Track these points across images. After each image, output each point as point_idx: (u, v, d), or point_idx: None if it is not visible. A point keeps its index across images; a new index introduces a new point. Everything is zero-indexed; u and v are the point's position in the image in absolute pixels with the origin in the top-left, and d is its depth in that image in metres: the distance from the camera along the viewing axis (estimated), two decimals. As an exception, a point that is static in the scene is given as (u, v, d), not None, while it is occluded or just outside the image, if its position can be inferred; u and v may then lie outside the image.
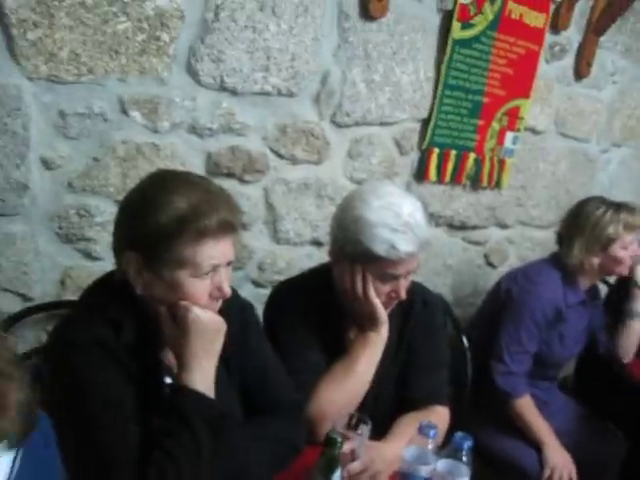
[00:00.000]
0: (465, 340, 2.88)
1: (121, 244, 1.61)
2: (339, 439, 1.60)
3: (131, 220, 1.60)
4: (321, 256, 2.81)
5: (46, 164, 2.19)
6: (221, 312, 1.67)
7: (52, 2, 2.06)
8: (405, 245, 1.92)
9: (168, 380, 1.65)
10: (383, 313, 2.01)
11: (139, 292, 1.58)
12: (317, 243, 2.86)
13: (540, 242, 3.72)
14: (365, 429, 1.74)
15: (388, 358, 2.10)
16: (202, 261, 1.54)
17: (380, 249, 1.92)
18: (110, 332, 1.55)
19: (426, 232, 1.99)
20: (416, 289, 2.19)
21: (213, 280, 1.58)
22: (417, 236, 1.93)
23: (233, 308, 1.78)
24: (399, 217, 1.93)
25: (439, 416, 2.06)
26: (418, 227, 1.95)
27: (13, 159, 2.12)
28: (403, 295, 2.01)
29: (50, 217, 2.24)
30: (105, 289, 1.66)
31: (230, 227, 1.57)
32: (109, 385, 1.52)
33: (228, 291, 1.60)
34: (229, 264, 1.62)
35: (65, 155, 2.21)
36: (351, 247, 1.98)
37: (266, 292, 2.47)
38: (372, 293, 1.99)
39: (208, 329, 1.57)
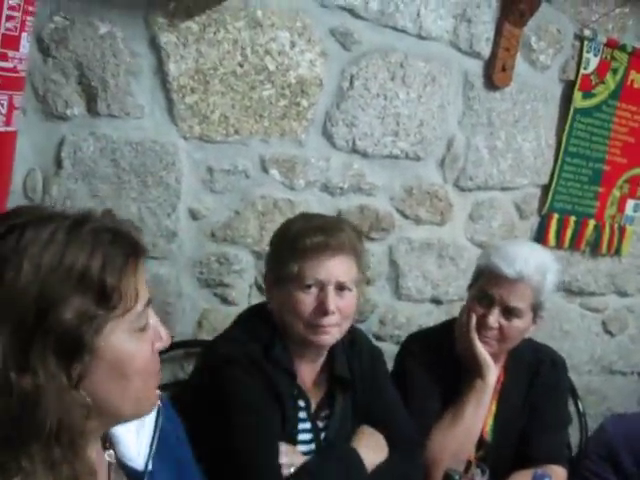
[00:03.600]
0: (581, 406, 2.87)
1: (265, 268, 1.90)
2: (457, 477, 1.67)
3: (269, 243, 1.91)
4: (440, 314, 2.92)
5: (193, 214, 2.41)
6: (351, 346, 1.90)
7: (208, 71, 2.31)
8: (502, 265, 2.03)
9: (301, 403, 1.82)
10: (488, 358, 2.08)
11: (269, 309, 1.81)
12: (437, 301, 2.96)
13: (661, 312, 3.67)
14: (482, 479, 1.80)
15: (514, 412, 2.17)
16: (305, 275, 1.73)
17: (482, 263, 2.11)
18: (261, 350, 1.74)
19: (533, 270, 2.04)
20: (544, 349, 2.30)
21: (318, 297, 1.74)
22: (517, 265, 2.02)
23: (364, 348, 1.95)
24: (516, 248, 2.10)
25: (557, 477, 2.08)
26: (525, 261, 2.04)
27: (165, 208, 2.36)
28: (491, 324, 2.05)
29: (193, 263, 2.45)
30: (257, 313, 1.88)
31: (330, 247, 1.75)
32: (259, 398, 1.70)
33: (331, 308, 1.74)
34: (340, 287, 1.77)
35: (210, 207, 2.43)
36: (472, 274, 2.19)
37: (386, 345, 2.60)
38: (474, 333, 2.08)
39: None
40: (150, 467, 1.19)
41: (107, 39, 2.20)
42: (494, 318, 2.05)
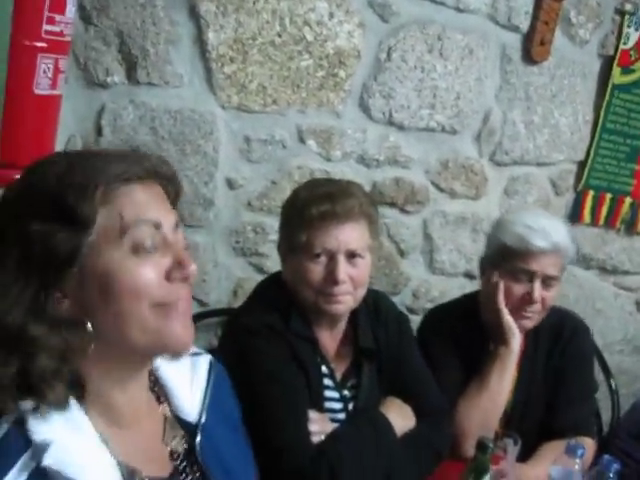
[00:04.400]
0: (613, 384, 2.86)
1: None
2: (490, 445, 1.67)
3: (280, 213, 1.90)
4: (473, 288, 2.89)
5: (230, 184, 2.43)
6: (377, 315, 1.90)
7: (247, 40, 2.32)
8: (536, 239, 2.02)
9: (325, 370, 1.83)
10: (513, 325, 2.08)
11: (283, 277, 1.82)
12: (470, 276, 2.96)
13: (696, 294, 3.64)
14: (513, 449, 1.79)
15: (536, 382, 2.17)
16: (313, 244, 1.72)
17: (511, 241, 2.06)
18: (280, 320, 1.75)
19: (564, 238, 2.07)
20: (567, 315, 2.28)
21: (328, 265, 1.73)
22: (551, 236, 2.04)
23: (390, 316, 1.96)
24: (537, 219, 2.10)
25: (585, 447, 2.08)
26: (555, 230, 2.06)
27: (203, 177, 2.38)
28: (537, 298, 2.05)
29: (229, 232, 2.48)
30: (275, 283, 1.88)
31: (336, 216, 1.71)
32: (283, 367, 1.71)
33: (341, 277, 1.71)
34: (351, 255, 1.74)
35: (247, 177, 2.45)
36: (490, 249, 2.15)
37: (418, 319, 2.59)
38: (502, 304, 2.08)
39: None
40: (204, 420, 1.21)
41: (147, 7, 2.21)
42: (538, 292, 2.05)
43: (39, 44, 1.58)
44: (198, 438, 1.19)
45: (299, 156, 2.49)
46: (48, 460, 0.95)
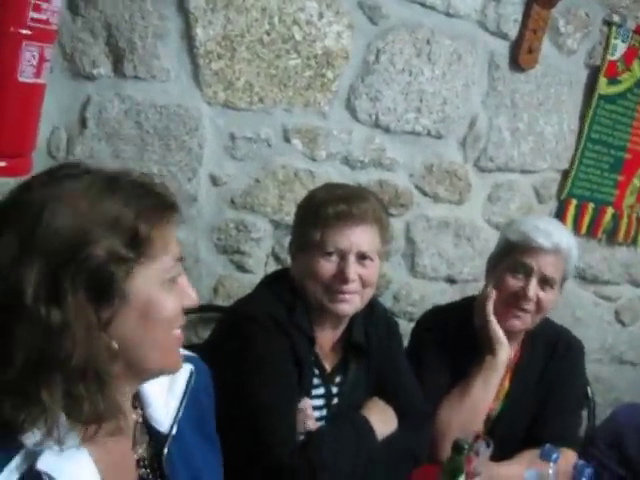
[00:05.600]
0: (590, 393, 2.87)
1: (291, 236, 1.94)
2: (466, 446, 1.69)
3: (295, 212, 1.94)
4: (454, 293, 2.92)
5: (214, 180, 2.42)
6: (370, 315, 1.92)
7: (235, 37, 2.31)
8: (538, 236, 2.07)
9: (316, 370, 1.86)
10: (501, 336, 2.10)
11: (292, 274, 1.86)
12: (451, 280, 2.96)
13: (675, 306, 3.66)
14: (486, 450, 1.80)
15: (527, 391, 2.19)
16: (326, 243, 1.76)
17: (515, 237, 2.11)
18: (284, 312, 1.78)
19: (567, 242, 2.12)
20: (563, 331, 2.32)
21: (339, 264, 1.77)
22: (553, 236, 2.08)
23: (382, 318, 2.00)
24: (546, 222, 2.18)
25: (567, 459, 2.02)
26: (559, 233, 2.12)
27: (186, 173, 2.37)
28: (531, 295, 2.07)
29: (212, 229, 2.47)
30: (282, 278, 1.91)
31: (351, 217, 1.77)
32: (280, 359, 1.74)
33: (351, 276, 1.76)
34: (361, 256, 1.79)
35: (231, 174, 2.44)
36: (497, 248, 2.22)
37: (399, 322, 2.59)
38: (491, 314, 2.11)
39: None
40: (174, 431, 1.20)
41: (136, 0, 2.20)
42: (533, 289, 2.07)
43: (24, 31, 1.56)
44: (166, 449, 1.19)
45: (284, 155, 2.49)
46: (42, 464, 0.97)
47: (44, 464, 0.98)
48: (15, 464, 0.97)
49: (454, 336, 2.18)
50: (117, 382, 1.06)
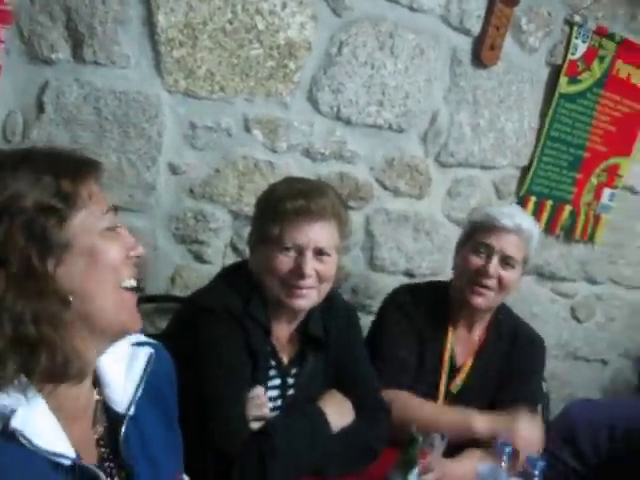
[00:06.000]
0: (545, 388, 2.90)
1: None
2: (420, 438, 1.69)
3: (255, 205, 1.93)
4: (412, 287, 2.93)
5: (173, 169, 2.40)
6: (328, 308, 1.91)
7: (198, 25, 2.29)
8: (501, 217, 2.18)
9: (272, 362, 1.87)
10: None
11: (249, 267, 1.86)
12: (410, 274, 2.98)
13: (629, 303, 3.72)
14: (441, 444, 1.82)
15: (488, 372, 2.27)
16: (284, 238, 1.77)
17: (479, 218, 2.23)
18: (240, 304, 1.79)
19: (528, 224, 2.23)
20: (525, 325, 2.41)
21: (296, 259, 1.78)
22: (515, 217, 2.20)
23: (340, 307, 2.01)
24: (511, 207, 2.34)
25: (522, 417, 2.05)
26: (521, 216, 2.24)
27: (145, 161, 2.34)
28: (492, 273, 2.17)
29: (170, 218, 2.45)
30: (240, 270, 1.91)
31: (309, 212, 1.78)
32: (233, 350, 1.75)
33: (307, 272, 1.78)
34: (319, 252, 1.80)
35: (190, 163, 2.42)
36: (463, 230, 2.33)
37: (359, 315, 2.60)
38: None
39: None
40: (132, 412, 1.21)
41: (97, -15, 2.17)
42: (494, 266, 2.17)
43: (-23, 12, 1.54)
44: (123, 429, 1.19)
45: (244, 146, 2.48)
46: (16, 422, 1.00)
47: (17, 422, 1.00)
48: None
49: (424, 313, 2.27)
50: (75, 334, 1.08)
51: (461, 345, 2.30)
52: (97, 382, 1.21)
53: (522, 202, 3.16)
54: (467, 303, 2.22)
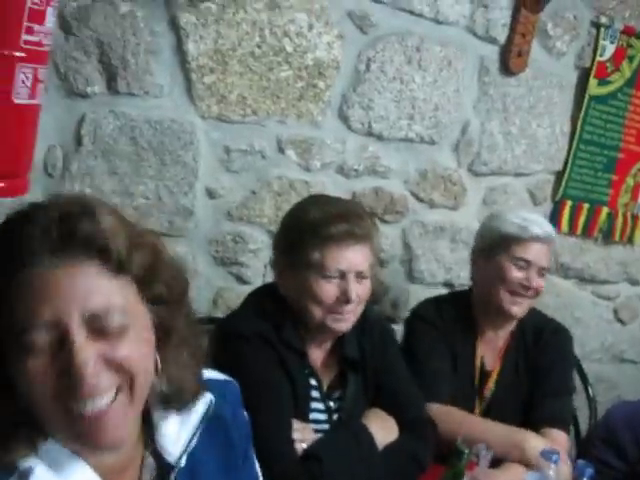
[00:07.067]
0: (591, 392, 2.88)
1: (274, 252, 1.90)
2: (466, 451, 1.68)
3: (280, 227, 1.91)
4: (452, 298, 2.93)
5: (210, 193, 2.44)
6: (362, 325, 1.90)
7: (227, 51, 2.33)
8: (534, 227, 2.20)
9: (312, 381, 1.86)
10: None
11: (282, 292, 1.83)
12: (449, 285, 2.98)
13: (673, 303, 3.68)
14: (487, 454, 1.81)
15: (517, 375, 2.29)
16: (328, 264, 1.75)
17: (511, 228, 2.22)
18: (272, 329, 1.78)
19: (553, 231, 2.28)
20: (548, 318, 2.41)
21: (340, 285, 1.77)
22: (545, 225, 2.24)
23: (376, 325, 1.99)
24: (526, 213, 2.30)
25: (558, 440, 2.10)
26: (546, 225, 2.26)
27: (183, 187, 2.38)
28: (534, 285, 2.19)
29: (209, 241, 2.48)
30: (269, 293, 1.90)
31: (354, 237, 1.77)
32: (271, 375, 1.74)
33: (353, 297, 1.77)
34: (359, 275, 1.79)
35: (227, 187, 2.46)
36: (485, 240, 2.31)
37: (399, 328, 2.62)
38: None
39: None
40: (183, 463, 1.13)
41: (128, 18, 2.22)
42: (535, 279, 2.22)
43: (18, 54, 1.58)
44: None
45: (279, 166, 2.51)
46: None
47: None
48: None
49: (451, 323, 2.30)
50: None
51: (490, 350, 2.33)
52: (149, 428, 1.15)
53: (558, 207, 3.15)
54: (501, 311, 2.25)
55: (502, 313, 2.26)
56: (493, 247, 2.28)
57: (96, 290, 0.95)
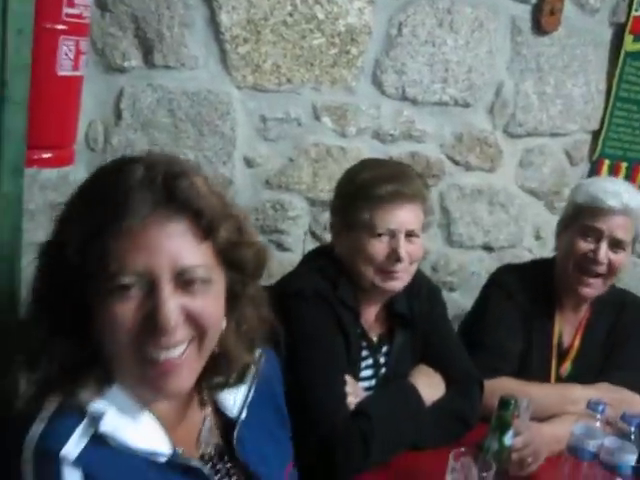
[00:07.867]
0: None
1: (330, 215, 1.94)
2: (512, 401, 1.70)
3: (334, 191, 1.94)
4: (491, 261, 2.95)
5: (248, 162, 2.47)
6: (411, 286, 1.91)
7: (259, 21, 2.35)
8: (608, 198, 2.06)
9: (364, 343, 1.91)
10: None
11: (337, 253, 1.87)
12: (488, 248, 2.99)
13: None
14: (528, 406, 1.82)
15: (596, 349, 2.22)
16: (378, 224, 1.78)
17: (584, 199, 2.12)
18: (329, 287, 1.82)
19: (638, 203, 2.10)
20: (628, 292, 2.34)
21: (390, 243, 1.79)
22: (622, 197, 2.07)
23: (424, 287, 2.03)
24: (615, 183, 2.17)
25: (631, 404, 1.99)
26: (629, 194, 2.10)
27: (221, 157, 2.42)
28: (602, 258, 2.08)
29: (249, 210, 2.51)
30: (325, 254, 1.94)
31: (403, 196, 1.79)
32: (328, 332, 1.78)
33: (403, 256, 1.79)
34: (410, 234, 1.82)
35: (264, 155, 2.49)
36: (565, 211, 2.22)
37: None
38: None
39: None
40: (243, 416, 1.21)
41: (161, -8, 2.25)
42: (604, 252, 2.08)
43: (60, 26, 1.63)
44: (235, 433, 1.20)
45: (315, 133, 2.53)
46: (104, 427, 1.00)
47: (107, 426, 1.01)
48: (83, 428, 1.00)
49: (530, 296, 2.21)
50: None
51: (569, 326, 2.24)
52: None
53: (595, 166, 3.13)
54: (573, 290, 2.16)
55: (574, 294, 2.18)
56: (568, 218, 2.20)
57: (187, 248, 1.02)
